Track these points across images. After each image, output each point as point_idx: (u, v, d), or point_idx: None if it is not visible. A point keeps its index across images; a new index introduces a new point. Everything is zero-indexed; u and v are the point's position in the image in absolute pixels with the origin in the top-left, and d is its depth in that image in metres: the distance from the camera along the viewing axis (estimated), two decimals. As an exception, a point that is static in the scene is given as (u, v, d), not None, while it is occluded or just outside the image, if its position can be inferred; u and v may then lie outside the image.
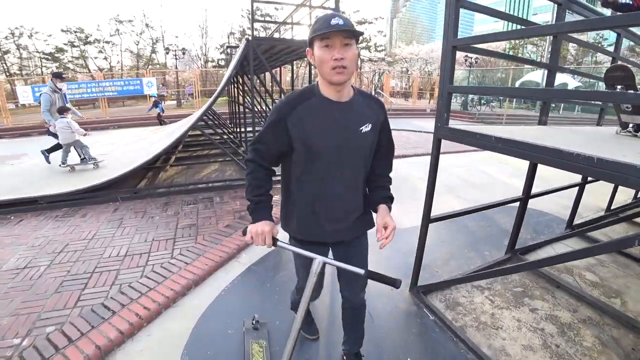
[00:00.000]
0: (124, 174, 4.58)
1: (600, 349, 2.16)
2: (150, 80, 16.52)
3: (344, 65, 1.13)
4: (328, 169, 1.30)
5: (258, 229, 1.24)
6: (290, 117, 1.23)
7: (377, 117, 1.34)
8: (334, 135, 1.25)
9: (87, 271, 2.84)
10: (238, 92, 9.23)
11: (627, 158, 1.24)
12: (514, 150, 1.52)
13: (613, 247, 1.39)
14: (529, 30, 1.62)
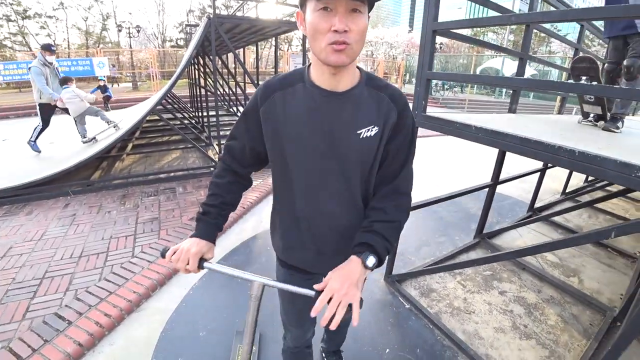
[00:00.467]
0: (74, 165, 4.16)
1: (563, 326, 2.29)
2: (101, 60, 15.20)
3: (346, 40, 0.77)
4: (309, 180, 0.96)
5: (182, 247, 0.97)
6: (265, 106, 0.94)
7: (388, 117, 0.92)
8: (316, 137, 0.91)
9: (36, 277, 2.56)
10: (199, 74, 8.73)
11: (603, 151, 1.25)
12: (496, 141, 1.49)
13: (592, 239, 1.42)
14: (506, 18, 1.59)
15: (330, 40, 0.77)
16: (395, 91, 0.95)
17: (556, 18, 1.63)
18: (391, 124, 0.92)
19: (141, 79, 21.06)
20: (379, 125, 0.91)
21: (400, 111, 0.93)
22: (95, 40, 27.61)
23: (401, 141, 0.95)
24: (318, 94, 0.89)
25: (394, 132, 0.94)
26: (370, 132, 0.91)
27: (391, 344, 2.08)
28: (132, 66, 20.51)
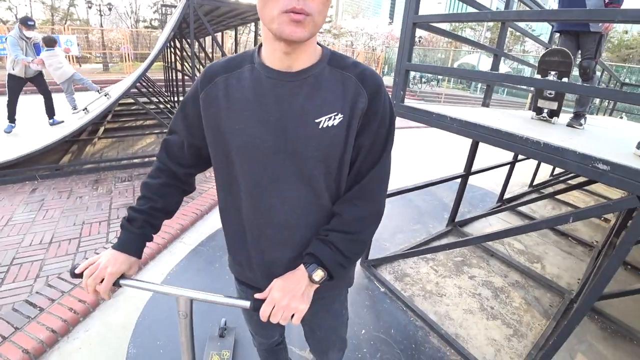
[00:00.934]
0: (41, 149, 3.96)
1: (526, 307, 2.46)
2: (69, 38, 14.36)
3: (306, 9, 0.61)
4: (257, 183, 0.77)
5: (98, 262, 0.80)
6: (205, 92, 0.77)
7: (356, 101, 0.73)
8: (264, 129, 0.73)
9: (3, 263, 2.45)
10: (175, 57, 8.44)
11: (565, 143, 1.35)
12: (469, 132, 1.57)
13: (550, 224, 1.53)
14: (483, 15, 1.66)
15: (285, 6, 0.60)
16: (365, 70, 0.75)
17: (531, 17, 1.71)
18: (360, 110, 0.74)
19: (112, 60, 20.08)
20: (343, 112, 0.73)
21: (371, 95, 0.74)
22: (61, 17, 25.96)
23: (374, 132, 0.76)
24: (266, 75, 0.73)
25: (364, 121, 0.75)
26: (332, 120, 0.72)
27: (367, 325, 2.17)
28: (102, 46, 19.48)
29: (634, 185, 1.11)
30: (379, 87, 0.75)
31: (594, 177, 1.19)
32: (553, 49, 2.28)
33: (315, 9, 0.62)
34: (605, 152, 1.46)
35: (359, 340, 2.06)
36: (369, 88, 0.74)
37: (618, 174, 1.14)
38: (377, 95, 0.75)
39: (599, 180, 1.18)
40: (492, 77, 2.14)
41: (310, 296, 0.77)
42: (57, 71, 5.02)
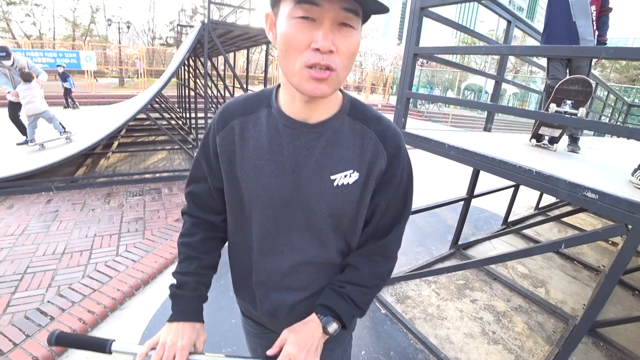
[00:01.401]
0: (59, 161, 4.14)
1: (528, 333, 2.45)
2: (89, 54, 14.97)
3: (331, 65, 0.58)
4: (267, 228, 0.76)
5: (163, 340, 0.74)
6: (221, 135, 0.75)
7: (374, 161, 0.71)
8: (278, 180, 0.71)
9: (17, 272, 2.55)
10: (189, 75, 8.75)
11: (559, 171, 1.41)
12: (466, 159, 1.64)
13: (545, 249, 1.57)
14: (486, 49, 1.75)
15: (308, 61, 0.57)
16: (387, 128, 0.73)
17: (523, 52, 1.81)
18: (378, 171, 0.71)
19: (128, 75, 20.77)
20: (360, 171, 0.71)
21: (391, 156, 0.72)
22: (82, 33, 27.10)
23: (392, 194, 0.75)
24: (284, 124, 0.70)
25: (382, 181, 0.73)
26: (348, 178, 0.70)
27: (367, 346, 2.19)
28: (119, 62, 20.19)
29: (622, 213, 1.16)
30: (399, 147, 0.73)
31: (583, 205, 1.24)
32: (574, 77, 2.19)
33: (340, 64, 0.59)
34: (599, 179, 1.51)
35: (359, 360, 2.08)
36: (390, 148, 0.72)
37: (606, 202, 1.19)
38: (397, 156, 0.73)
39: (589, 209, 1.23)
40: (491, 107, 2.22)
41: (321, 348, 0.75)
42: (29, 105, 5.04)
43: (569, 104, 2.19)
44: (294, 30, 0.57)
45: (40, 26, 26.25)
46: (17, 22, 25.37)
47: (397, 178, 0.74)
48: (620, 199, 1.16)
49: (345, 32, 0.58)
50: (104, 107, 10.65)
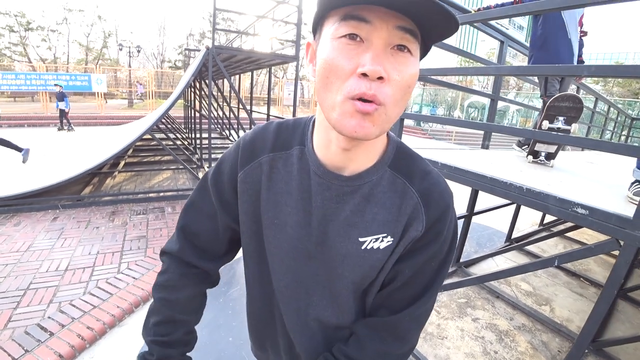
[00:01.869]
0: (66, 180, 4.24)
1: (532, 352, 2.39)
2: (100, 77, 15.48)
3: (378, 97, 0.46)
4: (285, 285, 0.67)
5: None
6: (245, 172, 0.64)
7: (410, 225, 0.58)
8: (304, 229, 0.61)
9: (20, 288, 2.58)
10: (195, 96, 8.99)
11: (551, 187, 1.43)
12: (458, 177, 1.67)
13: (538, 267, 1.57)
14: (481, 69, 1.83)
15: (352, 91, 0.45)
16: (433, 186, 0.59)
17: (510, 72, 1.86)
18: (412, 238, 0.59)
19: (137, 97, 21.35)
20: (394, 236, 0.59)
21: (431, 223, 0.58)
22: (95, 56, 28.12)
23: (422, 264, 0.60)
24: (314, 172, 0.59)
25: (413, 248, 0.60)
26: (379, 242, 0.58)
27: None
28: (129, 84, 20.79)
29: (612, 229, 1.17)
30: (444, 212, 0.59)
31: (574, 221, 1.25)
32: (563, 94, 2.23)
33: (390, 97, 0.46)
34: (596, 195, 1.53)
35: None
36: (432, 213, 0.58)
37: (597, 218, 1.21)
38: (439, 223, 0.59)
39: (580, 224, 1.25)
40: (486, 127, 2.26)
41: None
42: None
43: (561, 121, 2.24)
44: (337, 52, 0.46)
45: (55, 50, 27.36)
46: (34, 47, 26.46)
47: (434, 247, 0.60)
48: (611, 214, 1.18)
49: (401, 58, 0.46)
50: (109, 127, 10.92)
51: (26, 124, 12.11)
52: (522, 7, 1.59)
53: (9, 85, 13.66)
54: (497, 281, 3.29)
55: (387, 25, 0.45)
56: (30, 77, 14.51)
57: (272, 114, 7.65)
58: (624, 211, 1.15)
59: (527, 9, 1.63)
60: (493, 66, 2.28)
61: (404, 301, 0.62)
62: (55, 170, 5.04)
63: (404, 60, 0.47)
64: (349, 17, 0.46)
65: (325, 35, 0.49)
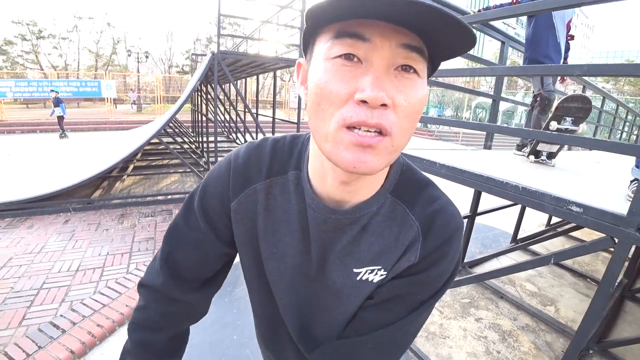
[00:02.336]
0: (79, 183, 4.35)
1: (535, 352, 2.39)
2: (109, 83, 15.78)
3: (384, 125, 0.38)
4: (288, 304, 0.62)
5: None
6: (238, 201, 0.57)
7: (405, 255, 0.52)
8: (304, 257, 0.57)
9: (34, 287, 2.67)
10: (201, 100, 9.12)
11: (548, 187, 1.45)
12: (455, 177, 1.70)
13: (536, 264, 1.59)
14: (476, 70, 1.85)
15: (349, 119, 0.38)
16: (438, 214, 0.52)
17: (505, 73, 1.89)
18: (402, 267, 0.53)
19: (145, 102, 21.69)
20: (387, 269, 0.53)
21: (427, 253, 0.51)
22: (104, 63, 28.66)
23: (404, 289, 0.53)
24: (309, 205, 0.53)
25: (402, 274, 0.53)
26: (373, 275, 0.53)
27: None
28: (138, 89, 21.14)
29: (607, 226, 1.19)
30: (445, 240, 0.51)
31: (569, 218, 1.27)
32: (573, 95, 2.18)
33: (397, 126, 0.39)
34: (596, 194, 1.54)
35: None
36: (430, 244, 0.51)
37: (591, 215, 1.23)
38: (436, 253, 0.51)
39: (575, 222, 1.27)
40: (487, 127, 2.29)
41: None
42: None
43: (569, 121, 2.23)
44: (331, 74, 0.39)
45: (66, 57, 27.94)
46: (45, 55, 27.06)
47: (424, 276, 0.52)
48: (605, 211, 1.20)
49: (407, 81, 0.39)
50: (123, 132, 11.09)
51: (38, 130, 12.39)
52: (518, 8, 1.62)
53: (22, 92, 14.00)
54: (501, 282, 3.29)
55: (390, 43, 0.37)
56: (42, 84, 14.85)
57: (279, 117, 7.72)
58: (615, 209, 1.17)
59: (525, 10, 1.66)
60: (488, 67, 2.31)
61: (371, 323, 0.54)
62: (66, 174, 5.17)
63: (410, 83, 0.39)
64: (345, 35, 0.38)
65: (317, 55, 0.42)
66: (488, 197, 3.29)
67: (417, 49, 0.38)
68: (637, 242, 1.06)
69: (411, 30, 0.37)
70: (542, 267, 3.77)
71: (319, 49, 0.41)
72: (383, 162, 0.40)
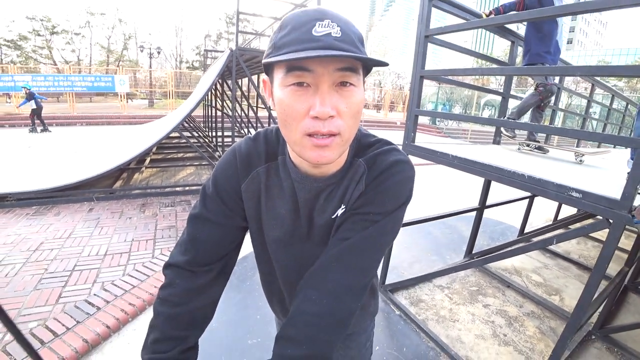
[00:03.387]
0: (101, 173, 4.56)
1: (540, 336, 2.52)
2: (122, 78, 16.06)
3: (333, 130, 0.54)
4: (286, 266, 0.79)
5: None
6: (247, 184, 0.71)
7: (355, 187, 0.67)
8: (296, 222, 0.73)
9: (67, 269, 2.87)
10: (215, 96, 9.29)
11: (548, 175, 1.57)
12: (467, 167, 1.83)
13: (538, 246, 1.72)
14: (486, 70, 1.97)
15: (308, 130, 0.53)
16: (381, 154, 0.66)
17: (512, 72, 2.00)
18: (356, 196, 0.67)
19: (156, 97, 22.00)
20: (346, 203, 0.68)
21: (371, 179, 0.65)
22: (116, 58, 29.05)
23: (354, 212, 0.66)
24: (294, 179, 0.69)
25: (355, 204, 0.67)
26: (341, 212, 0.69)
27: (381, 343, 2.33)
28: (150, 84, 21.43)
29: (602, 209, 1.31)
30: (385, 168, 0.64)
31: (570, 204, 1.40)
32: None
33: (343, 126, 0.54)
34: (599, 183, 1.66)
35: (373, 356, 2.21)
36: (373, 171, 0.65)
37: (589, 200, 1.35)
38: (378, 178, 0.64)
39: (575, 207, 1.39)
40: (495, 122, 2.40)
41: None
42: None
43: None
44: (290, 98, 0.53)
45: (79, 53, 28.39)
46: (59, 50, 27.53)
47: (370, 198, 0.64)
48: (601, 196, 1.32)
49: (345, 93, 0.53)
50: (136, 126, 11.32)
51: (54, 123, 12.72)
52: (520, 15, 1.74)
53: (38, 87, 14.34)
54: (508, 272, 3.41)
55: (328, 70, 0.51)
56: (58, 79, 15.20)
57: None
58: (609, 194, 1.29)
59: (529, 16, 1.78)
60: (498, 67, 2.42)
61: (332, 245, 0.65)
62: (88, 165, 5.39)
63: (349, 94, 0.54)
64: (294, 69, 0.51)
65: (276, 81, 0.55)
66: (496, 192, 3.40)
67: (350, 69, 0.52)
68: (629, 222, 1.19)
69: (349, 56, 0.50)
70: (548, 260, 3.88)
71: (277, 78, 0.55)
72: (337, 154, 0.56)
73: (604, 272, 1.37)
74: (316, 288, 0.61)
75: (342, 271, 0.62)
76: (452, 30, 1.92)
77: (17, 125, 12.17)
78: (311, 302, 0.60)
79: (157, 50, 21.41)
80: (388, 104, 25.84)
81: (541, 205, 4.27)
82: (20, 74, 14.98)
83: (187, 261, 0.70)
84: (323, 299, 0.60)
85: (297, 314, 0.60)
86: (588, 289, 1.40)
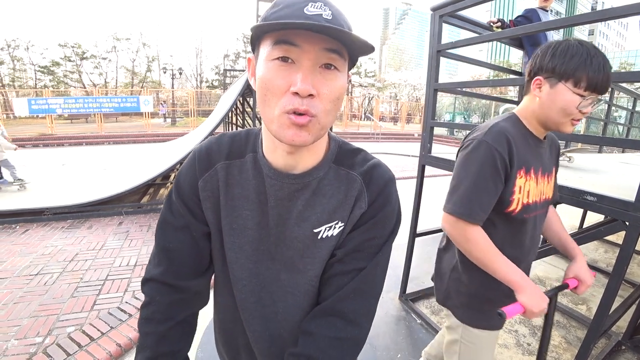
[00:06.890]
0: (130, 189, 4.80)
1: (566, 346, 2.47)
2: (147, 98, 16.85)
3: (310, 110, 0.52)
4: (250, 291, 0.69)
5: None
6: (204, 180, 0.67)
7: (356, 204, 0.64)
8: (262, 231, 0.66)
9: (100, 279, 3.04)
10: (236, 112, 9.62)
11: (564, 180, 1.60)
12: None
13: (553, 251, 1.73)
14: (497, 81, 2.03)
15: (286, 106, 0.52)
16: (373, 169, 0.65)
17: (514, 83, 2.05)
18: (358, 216, 0.64)
19: (178, 116, 22.84)
20: (344, 219, 0.64)
21: (372, 197, 0.64)
22: (140, 80, 30.47)
23: (364, 237, 0.64)
24: (267, 175, 0.63)
25: (357, 224, 0.65)
26: (332, 230, 0.64)
27: (402, 350, 2.35)
28: (173, 104, 22.28)
29: (618, 212, 1.34)
30: (383, 187, 0.64)
31: (585, 207, 1.43)
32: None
33: (322, 109, 0.53)
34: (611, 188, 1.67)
35: (395, 362, 2.24)
36: (373, 190, 0.64)
37: (604, 203, 1.38)
38: (379, 198, 0.64)
39: (590, 210, 1.42)
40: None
41: None
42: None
43: None
44: (272, 73, 0.52)
45: (106, 76, 29.97)
46: (87, 73, 29.17)
47: (376, 221, 0.64)
48: (616, 199, 1.35)
49: (328, 75, 0.53)
50: (160, 144, 11.75)
51: (84, 143, 13.42)
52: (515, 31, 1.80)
53: (70, 109, 15.23)
54: (532, 280, 3.35)
55: (315, 48, 0.50)
56: (88, 100, 16.09)
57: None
58: (625, 197, 1.32)
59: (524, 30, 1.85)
60: (509, 78, 2.47)
61: (347, 275, 0.63)
62: (117, 181, 5.68)
63: (332, 77, 0.53)
64: (281, 42, 0.50)
65: (261, 55, 0.54)
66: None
67: (337, 52, 0.52)
68: (644, 223, 1.21)
69: (332, 38, 0.50)
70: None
71: (263, 51, 0.54)
72: (313, 136, 0.54)
73: (623, 275, 1.38)
74: (340, 317, 0.62)
75: (361, 300, 0.63)
76: (463, 44, 2.00)
77: (51, 145, 12.91)
78: (335, 328, 0.61)
79: (179, 71, 22.36)
80: (405, 116, 25.82)
81: (566, 212, 4.17)
82: (53, 97, 15.94)
83: (162, 273, 0.67)
84: (347, 326, 0.62)
85: (318, 336, 0.61)
86: (608, 292, 1.41)
